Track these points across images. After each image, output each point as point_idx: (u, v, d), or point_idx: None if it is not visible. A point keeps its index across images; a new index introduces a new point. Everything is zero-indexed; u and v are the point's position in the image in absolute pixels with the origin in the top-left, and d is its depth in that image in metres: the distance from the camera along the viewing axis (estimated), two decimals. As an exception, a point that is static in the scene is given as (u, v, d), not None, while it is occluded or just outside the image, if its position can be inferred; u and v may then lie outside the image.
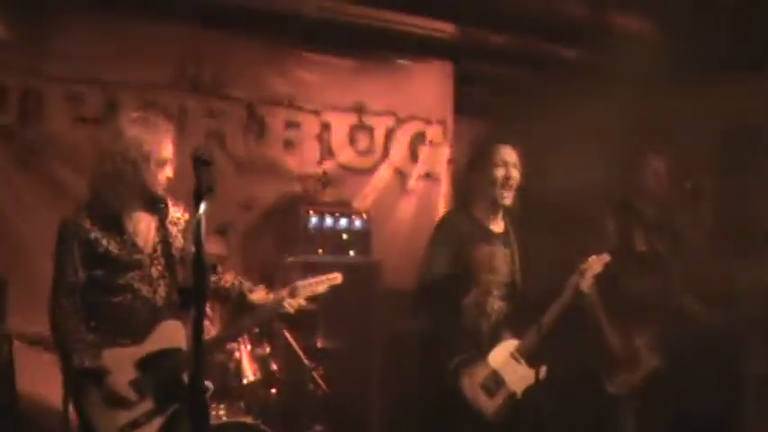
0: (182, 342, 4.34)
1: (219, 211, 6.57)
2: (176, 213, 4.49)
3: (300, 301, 4.48)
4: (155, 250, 4.36)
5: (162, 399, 4.26)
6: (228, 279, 4.59)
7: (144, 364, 4.26)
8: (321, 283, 4.56)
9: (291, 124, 7.33)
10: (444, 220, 5.19)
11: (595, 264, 4.98)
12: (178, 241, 4.44)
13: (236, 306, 4.67)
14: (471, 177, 5.08)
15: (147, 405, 4.24)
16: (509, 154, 4.97)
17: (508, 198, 4.95)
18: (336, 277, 4.62)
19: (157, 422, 4.25)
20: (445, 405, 4.85)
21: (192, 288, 3.33)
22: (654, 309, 5.65)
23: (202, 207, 3.38)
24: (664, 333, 5.67)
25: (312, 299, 4.58)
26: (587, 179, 6.33)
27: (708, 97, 6.80)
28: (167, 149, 4.35)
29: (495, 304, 4.95)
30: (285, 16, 6.75)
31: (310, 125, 7.37)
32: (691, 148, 6.58)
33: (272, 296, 4.52)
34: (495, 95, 8.19)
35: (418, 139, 7.86)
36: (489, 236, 5.00)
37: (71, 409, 5.17)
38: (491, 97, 8.24)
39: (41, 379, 5.78)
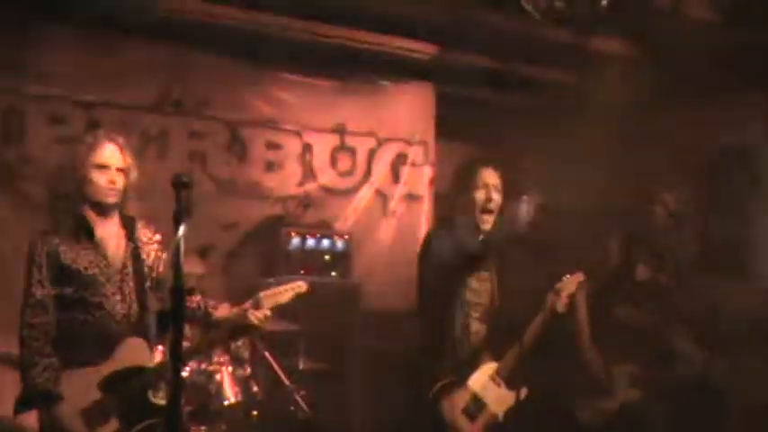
0: (146, 360, 4.30)
1: (201, 232, 6.58)
2: (148, 234, 4.51)
3: (265, 312, 4.36)
4: (124, 266, 4.34)
5: (127, 418, 4.20)
6: (193, 300, 4.51)
7: (108, 383, 4.19)
8: (285, 293, 4.45)
9: (273, 145, 7.34)
10: (432, 235, 5.21)
11: (570, 283, 5.00)
12: (150, 260, 4.44)
13: (204, 325, 4.58)
14: (455, 200, 5.10)
15: (112, 426, 4.17)
16: (491, 176, 5.00)
17: (488, 222, 4.98)
18: (300, 285, 4.51)
19: None
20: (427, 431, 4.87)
21: (169, 311, 3.31)
22: (643, 340, 5.66)
23: (181, 230, 3.39)
24: (649, 367, 5.67)
25: (277, 308, 4.49)
26: (564, 200, 6.36)
27: (689, 119, 6.85)
28: (110, 156, 4.40)
29: (474, 326, 4.97)
30: (267, 39, 6.77)
31: (292, 146, 7.38)
32: (671, 169, 6.62)
33: (235, 310, 4.43)
34: (476, 117, 8.22)
35: (399, 159, 7.87)
36: (468, 261, 5.01)
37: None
38: (472, 119, 8.27)
39: (8, 397, 5.75)
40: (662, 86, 6.56)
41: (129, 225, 4.46)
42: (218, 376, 5.62)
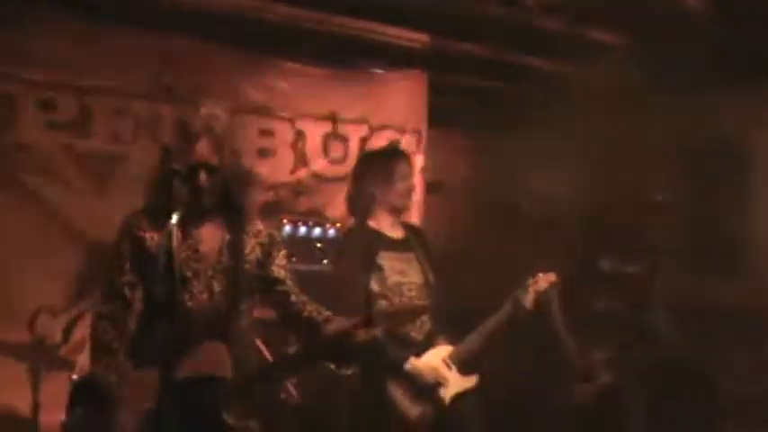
0: (225, 370, 3.81)
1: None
2: (257, 226, 4.09)
3: (375, 333, 3.97)
4: (218, 262, 3.93)
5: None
6: (308, 309, 4.09)
7: (180, 389, 3.66)
8: (399, 313, 4.42)
9: (265, 132, 7.32)
10: (346, 234, 5.50)
11: (541, 281, 5.08)
12: (253, 255, 4.01)
13: (308, 339, 4.10)
14: (371, 191, 5.16)
15: None
16: (406, 166, 5.28)
17: (408, 205, 5.40)
18: (416, 309, 4.48)
19: None
20: (377, 411, 4.90)
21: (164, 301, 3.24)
22: (615, 327, 5.70)
23: (175, 217, 3.40)
24: (626, 351, 5.71)
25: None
26: (556, 192, 6.38)
27: (680, 111, 6.85)
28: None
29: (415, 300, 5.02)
30: (260, 25, 6.75)
31: (284, 133, 7.36)
32: (662, 161, 6.63)
33: (345, 324, 3.94)
34: (468, 106, 8.22)
35: (392, 148, 7.82)
36: (389, 243, 5.19)
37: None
38: (465, 108, 8.27)
39: (9, 386, 5.78)
40: (654, 77, 6.57)
41: (231, 216, 4.02)
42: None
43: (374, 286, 4.96)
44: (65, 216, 6.51)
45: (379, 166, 5.33)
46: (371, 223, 5.26)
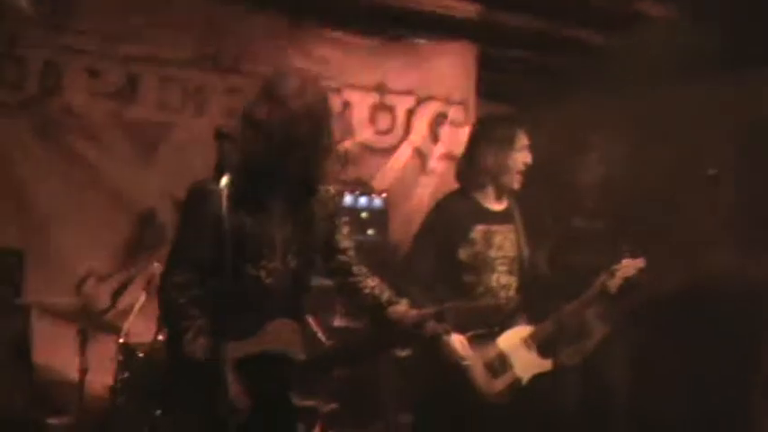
0: (296, 344, 3.71)
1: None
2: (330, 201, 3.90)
3: (447, 327, 3.88)
4: (293, 235, 3.75)
5: (258, 414, 3.56)
6: (369, 284, 3.90)
7: (249, 364, 3.56)
8: (474, 310, 4.26)
9: (312, 102, 7.27)
10: (438, 205, 5.17)
11: (629, 266, 4.94)
12: (322, 224, 3.85)
13: (371, 319, 3.96)
14: (484, 162, 5.02)
15: (245, 415, 3.53)
16: (525, 139, 4.98)
17: (519, 182, 4.99)
18: (493, 309, 4.31)
19: None
20: (449, 381, 4.82)
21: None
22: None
23: (224, 181, 3.35)
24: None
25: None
26: (604, 165, 6.30)
27: (731, 87, 6.73)
28: None
29: (502, 279, 4.91)
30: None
31: (331, 103, 7.30)
32: (712, 137, 6.52)
33: (414, 313, 3.78)
34: (517, 79, 8.15)
35: (439, 119, 7.77)
36: (489, 215, 5.00)
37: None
38: (514, 80, 8.19)
39: (58, 350, 5.82)
40: (704, 52, 6.45)
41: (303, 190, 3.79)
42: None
43: (463, 258, 4.90)
44: (112, 183, 6.56)
45: (496, 136, 5.09)
46: (475, 194, 5.12)
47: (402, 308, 3.80)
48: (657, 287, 5.66)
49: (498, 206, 5.06)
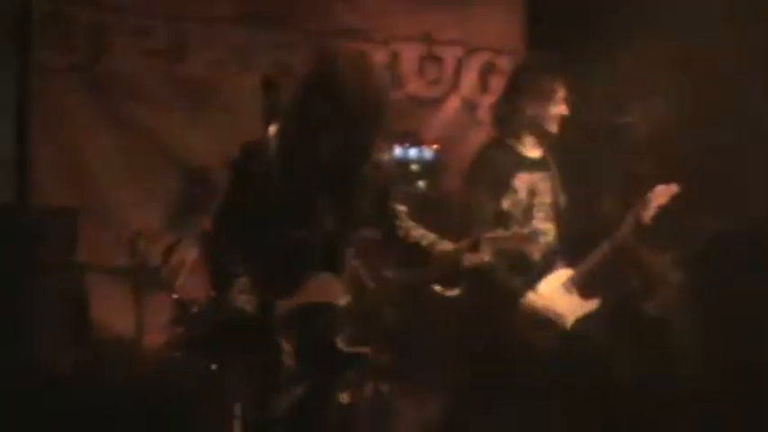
0: (339, 297, 3.77)
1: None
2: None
3: (484, 257, 3.81)
4: (333, 198, 3.75)
5: (310, 362, 3.66)
6: (413, 234, 3.92)
7: (293, 319, 3.65)
8: (510, 240, 3.93)
9: (359, 55, 7.24)
10: (480, 154, 5.11)
11: (661, 194, 4.86)
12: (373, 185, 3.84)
13: (415, 261, 4.01)
14: (524, 110, 4.97)
15: (294, 369, 3.64)
16: (563, 91, 4.92)
17: (555, 127, 4.96)
18: (536, 234, 4.09)
19: (306, 388, 3.68)
20: (495, 333, 4.82)
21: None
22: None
23: (272, 130, 3.36)
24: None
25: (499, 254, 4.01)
26: (657, 111, 6.19)
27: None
28: None
29: (542, 226, 4.88)
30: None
31: (378, 55, 7.23)
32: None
33: (450, 248, 3.82)
34: (568, 26, 8.02)
35: (488, 69, 7.69)
36: (528, 163, 4.97)
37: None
38: (565, 28, 8.07)
39: (113, 308, 5.90)
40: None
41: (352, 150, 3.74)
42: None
43: (506, 207, 4.86)
44: (162, 141, 6.61)
45: (537, 86, 5.00)
46: (513, 141, 5.07)
47: (442, 247, 3.83)
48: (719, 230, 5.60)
49: (535, 153, 5.05)
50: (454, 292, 5.16)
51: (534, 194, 4.89)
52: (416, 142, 7.01)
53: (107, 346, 5.99)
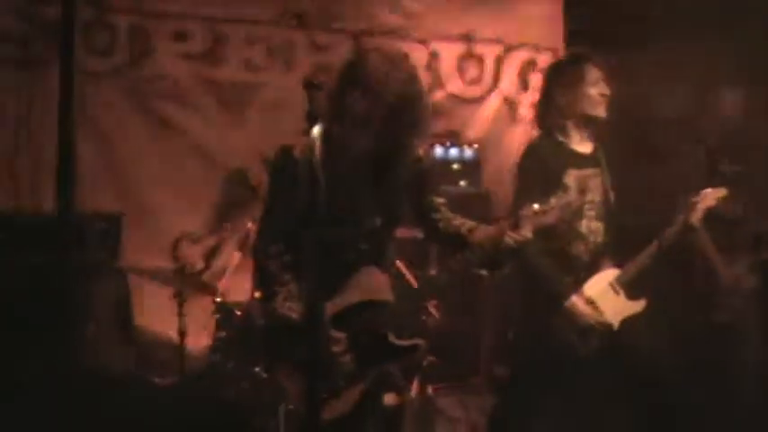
0: (386, 293, 3.75)
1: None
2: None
3: (526, 234, 3.70)
4: (375, 197, 3.74)
5: (362, 361, 3.65)
6: (453, 223, 3.87)
7: (343, 318, 3.64)
8: (551, 212, 3.80)
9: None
10: (529, 149, 5.04)
11: (710, 197, 4.77)
12: (414, 183, 3.81)
13: (457, 247, 3.85)
14: (559, 100, 4.90)
15: (346, 368, 3.64)
16: (597, 72, 4.84)
17: (601, 113, 4.81)
18: (569, 203, 3.93)
19: (359, 388, 3.65)
20: (539, 335, 4.75)
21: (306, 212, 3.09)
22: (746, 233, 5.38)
23: (316, 130, 3.33)
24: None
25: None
26: (694, 109, 6.12)
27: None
28: None
29: (592, 225, 4.80)
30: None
31: (418, 55, 7.20)
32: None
33: (491, 231, 3.74)
34: (607, 23, 7.95)
35: (528, 67, 7.65)
36: (578, 158, 4.83)
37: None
38: (603, 25, 8.00)
39: (156, 312, 5.92)
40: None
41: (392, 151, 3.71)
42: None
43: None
44: (202, 144, 6.64)
45: (566, 73, 4.90)
46: (559, 137, 4.91)
47: (482, 230, 3.76)
48: None
49: (585, 148, 4.90)
50: (500, 274, 5.07)
51: (584, 192, 4.79)
52: (458, 142, 6.99)
53: (151, 350, 6.03)
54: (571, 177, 4.75)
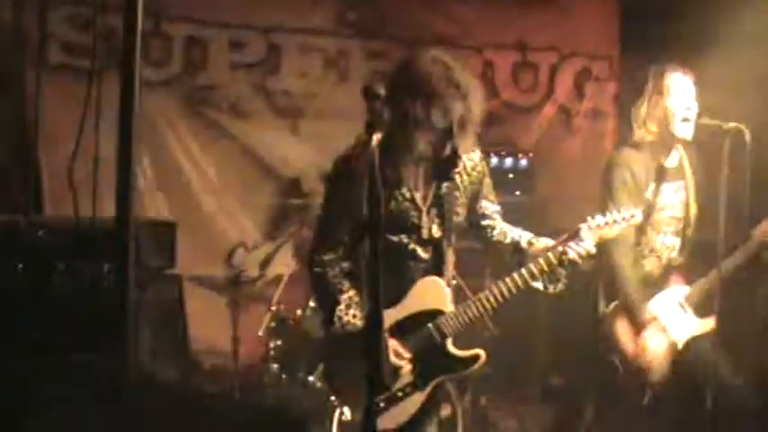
0: (446, 303, 3.69)
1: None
2: (472, 159, 3.78)
3: (587, 248, 3.63)
4: (433, 205, 3.71)
5: (422, 371, 3.62)
6: (509, 235, 3.82)
7: (402, 328, 3.62)
8: (614, 225, 3.73)
9: (453, 64, 7.20)
10: (617, 156, 4.92)
11: None
12: (465, 188, 3.77)
13: (512, 260, 3.80)
14: (643, 111, 4.78)
15: (405, 378, 3.61)
16: (685, 83, 4.70)
17: (687, 130, 4.58)
18: (634, 215, 3.81)
19: (417, 398, 3.62)
20: (597, 349, 4.68)
21: (367, 221, 3.07)
22: None
23: (375, 139, 3.31)
24: None
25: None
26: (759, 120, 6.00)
27: None
28: None
29: (668, 240, 4.70)
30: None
31: (473, 64, 7.18)
32: None
33: (551, 244, 3.67)
34: (664, 31, 7.86)
35: (583, 75, 7.60)
36: (662, 173, 4.69)
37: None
38: (660, 33, 7.91)
39: (210, 320, 5.94)
40: None
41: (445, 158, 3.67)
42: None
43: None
44: (257, 153, 6.68)
45: (652, 85, 4.69)
46: (646, 148, 4.68)
47: (542, 243, 3.70)
48: None
49: (670, 161, 4.75)
50: (558, 289, 5.02)
51: (663, 205, 4.69)
52: (512, 151, 6.94)
53: (205, 358, 6.05)
54: (654, 191, 4.65)
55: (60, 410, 4.11)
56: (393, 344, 3.57)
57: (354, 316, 3.57)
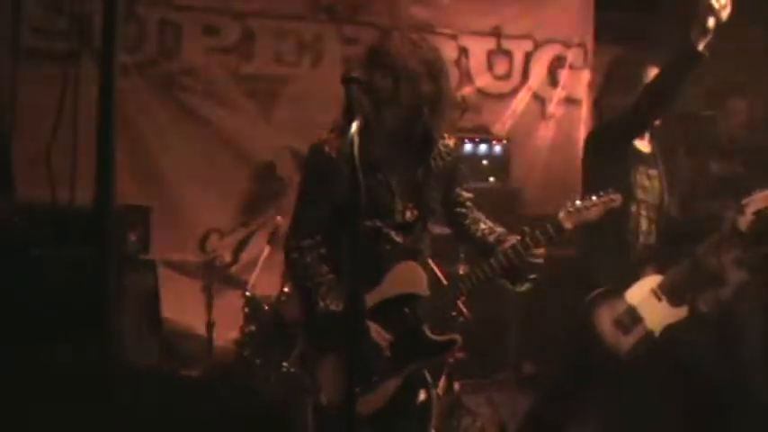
0: (422, 287, 3.69)
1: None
2: (447, 145, 3.78)
3: (568, 226, 3.66)
4: (407, 190, 3.71)
5: (398, 354, 3.62)
6: (481, 227, 3.85)
7: (379, 312, 3.61)
8: (593, 208, 3.73)
9: (428, 50, 7.20)
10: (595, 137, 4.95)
11: (758, 200, 4.66)
12: (443, 174, 3.77)
13: (480, 253, 3.83)
14: (617, 100, 4.81)
15: (383, 362, 3.61)
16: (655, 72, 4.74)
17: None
18: (614, 199, 3.81)
19: (394, 382, 3.63)
20: (578, 339, 4.71)
21: (346, 206, 3.06)
22: None
23: (354, 126, 3.30)
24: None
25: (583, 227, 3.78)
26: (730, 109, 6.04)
27: None
28: None
29: (643, 225, 4.73)
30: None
31: (448, 50, 7.17)
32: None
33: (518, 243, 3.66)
34: (638, 19, 7.89)
35: (557, 63, 7.64)
36: (639, 157, 4.74)
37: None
38: (634, 21, 7.94)
39: (185, 305, 5.93)
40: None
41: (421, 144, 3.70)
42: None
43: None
44: (231, 138, 6.65)
45: (622, 71, 4.85)
46: None
47: (510, 240, 3.70)
48: None
49: (646, 148, 4.81)
50: (523, 288, 5.04)
51: (640, 190, 4.72)
52: (487, 137, 6.96)
53: (179, 343, 6.03)
54: (636, 175, 4.67)
55: (41, 402, 4.11)
56: (374, 326, 3.56)
57: (335, 298, 3.55)
